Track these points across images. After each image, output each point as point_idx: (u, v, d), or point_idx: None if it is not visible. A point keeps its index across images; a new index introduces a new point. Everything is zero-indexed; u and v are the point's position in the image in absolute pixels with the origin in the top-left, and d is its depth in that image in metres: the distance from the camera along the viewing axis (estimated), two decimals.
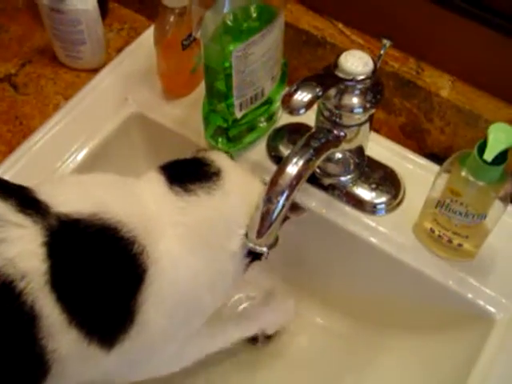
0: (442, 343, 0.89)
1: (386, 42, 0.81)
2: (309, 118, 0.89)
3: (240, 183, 0.79)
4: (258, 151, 0.94)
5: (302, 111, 0.73)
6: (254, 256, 0.79)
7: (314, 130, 0.83)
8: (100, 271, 0.67)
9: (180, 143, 0.95)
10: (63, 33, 0.97)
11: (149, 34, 0.96)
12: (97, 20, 0.97)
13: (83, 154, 0.93)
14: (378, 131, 0.96)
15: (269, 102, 0.91)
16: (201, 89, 0.92)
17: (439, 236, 0.84)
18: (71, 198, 0.70)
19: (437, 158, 0.94)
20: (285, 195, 0.76)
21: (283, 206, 0.76)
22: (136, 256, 0.69)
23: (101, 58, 1.01)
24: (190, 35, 0.90)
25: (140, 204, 0.73)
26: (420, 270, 0.86)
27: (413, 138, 0.97)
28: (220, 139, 0.91)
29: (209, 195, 0.76)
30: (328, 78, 0.77)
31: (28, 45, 1.05)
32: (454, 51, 0.89)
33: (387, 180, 0.91)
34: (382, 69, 0.90)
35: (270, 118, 0.94)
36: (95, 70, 1.01)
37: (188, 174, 0.77)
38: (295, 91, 0.73)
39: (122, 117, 0.96)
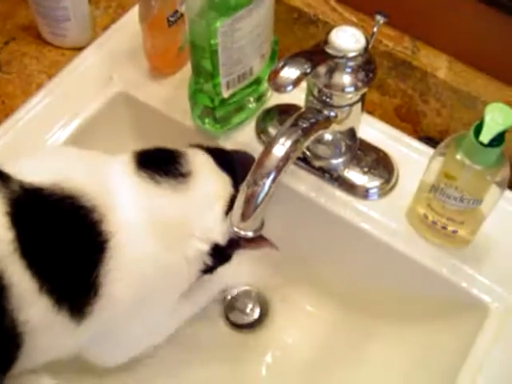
0: (434, 332, 0.84)
1: (380, 19, 0.76)
2: (300, 98, 0.85)
3: (209, 186, 0.76)
4: (247, 132, 0.89)
5: (290, 88, 0.68)
6: (208, 268, 0.79)
7: (303, 109, 0.78)
8: (63, 239, 0.67)
9: (166, 123, 0.90)
10: (47, 9, 0.92)
11: (136, 12, 0.91)
12: None
13: (66, 134, 0.88)
14: (371, 113, 0.91)
15: (258, 81, 0.87)
16: (188, 68, 0.87)
17: (433, 222, 0.80)
18: (35, 168, 0.69)
19: (432, 141, 0.90)
20: (271, 177, 0.71)
21: (269, 189, 0.72)
22: (96, 224, 0.68)
23: (86, 36, 0.96)
24: (176, 11, 0.86)
25: (103, 179, 0.72)
26: (412, 257, 0.82)
27: (408, 121, 0.92)
28: (207, 120, 0.87)
29: (174, 192, 0.74)
30: (317, 55, 0.72)
31: (12, 22, 1.00)
32: (451, 30, 0.85)
33: (380, 164, 0.86)
34: (375, 48, 0.86)
35: (259, 99, 0.89)
36: (81, 49, 0.96)
37: (159, 164, 0.75)
38: (282, 67, 0.69)
39: (106, 96, 0.91)
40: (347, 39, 0.73)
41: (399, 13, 0.83)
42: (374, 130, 0.89)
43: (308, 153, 0.85)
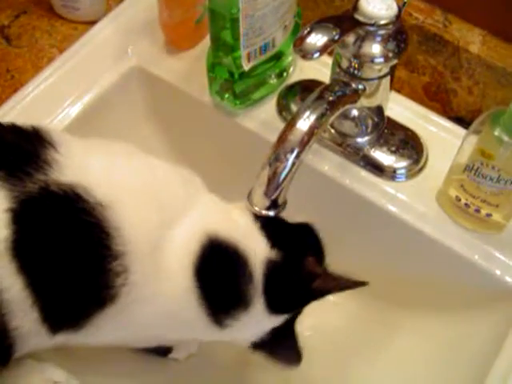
0: (464, 323, 0.78)
1: None
2: (324, 74, 0.79)
3: None
4: (268, 109, 0.82)
5: (317, 55, 0.62)
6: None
7: (329, 82, 0.72)
8: (66, 252, 0.57)
9: (183, 99, 0.84)
10: None
11: None
12: None
13: (77, 110, 0.82)
14: (398, 91, 0.85)
15: (280, 55, 0.80)
16: (206, 41, 0.80)
17: (466, 205, 0.73)
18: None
19: (463, 122, 0.83)
20: (295, 153, 0.66)
21: (293, 165, 0.66)
22: (113, 256, 0.58)
23: (100, 8, 0.90)
24: None
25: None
26: (443, 242, 0.75)
27: (437, 100, 0.85)
28: (226, 95, 0.81)
29: None
30: (346, 21, 0.66)
31: None
32: (485, 2, 0.78)
33: (408, 143, 0.80)
34: (405, 21, 0.79)
35: (281, 74, 0.83)
36: (94, 23, 0.90)
37: None
38: (309, 33, 0.63)
39: (120, 71, 0.84)
40: (378, 5, 0.66)
41: None
42: (401, 108, 0.82)
43: (332, 130, 0.79)
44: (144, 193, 0.61)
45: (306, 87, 0.83)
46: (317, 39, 0.62)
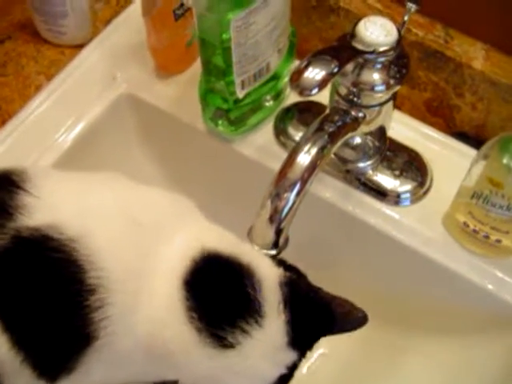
0: (475, 349, 0.74)
1: (412, 6, 0.65)
2: (322, 95, 0.73)
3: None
4: (264, 134, 0.78)
5: (315, 91, 0.58)
6: None
7: (328, 111, 0.68)
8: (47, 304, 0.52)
9: (176, 126, 0.79)
10: (43, 4, 0.81)
11: (139, 4, 0.80)
12: None
13: (69, 141, 0.78)
14: (399, 108, 0.80)
15: (275, 77, 0.76)
16: (198, 64, 0.76)
17: (474, 231, 0.69)
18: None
19: (466, 137, 0.79)
20: (295, 190, 0.62)
21: (294, 203, 0.62)
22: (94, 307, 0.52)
23: (87, 32, 0.85)
24: (182, 4, 0.75)
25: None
26: (451, 267, 0.71)
27: (439, 116, 0.81)
28: (220, 122, 0.76)
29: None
30: (344, 51, 0.61)
31: (7, 19, 0.89)
32: (487, 15, 0.73)
33: (412, 165, 0.75)
34: (404, 38, 0.74)
35: (278, 96, 0.78)
36: (82, 46, 0.85)
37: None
38: (306, 67, 0.58)
39: (110, 98, 0.80)
40: (377, 32, 0.62)
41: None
42: (403, 127, 0.78)
43: (333, 156, 0.75)
44: (121, 218, 0.55)
45: (304, 109, 0.79)
46: (315, 73, 0.57)
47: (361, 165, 0.74)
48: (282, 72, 0.76)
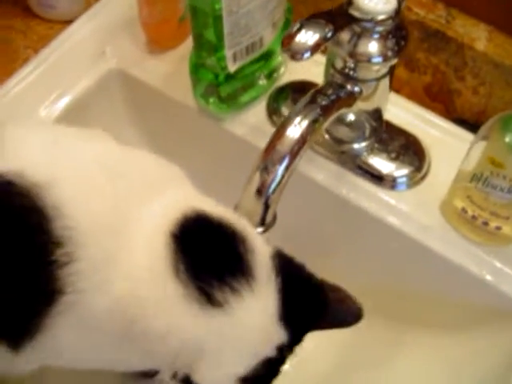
0: (472, 343, 0.69)
1: None
2: (318, 75, 0.70)
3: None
4: (257, 113, 0.74)
5: (307, 55, 0.54)
6: None
7: (322, 84, 0.64)
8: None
9: (166, 103, 0.75)
10: None
11: None
12: None
13: (54, 115, 0.73)
14: (398, 92, 0.76)
15: (269, 54, 0.72)
16: (190, 41, 0.72)
17: (473, 217, 0.65)
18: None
19: (467, 124, 0.75)
20: (284, 163, 0.58)
21: (282, 177, 0.58)
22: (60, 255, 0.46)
23: (78, 7, 0.82)
24: None
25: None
26: (448, 256, 0.67)
27: (439, 101, 0.77)
28: (211, 99, 0.72)
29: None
30: (340, 17, 0.57)
31: None
32: None
33: (409, 149, 0.71)
34: (404, 16, 0.71)
35: (271, 75, 0.74)
36: (72, 22, 0.81)
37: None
38: (298, 30, 0.54)
39: (99, 73, 0.76)
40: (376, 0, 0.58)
41: None
42: (401, 111, 0.74)
43: (327, 136, 0.71)
44: (99, 169, 0.50)
45: (298, 89, 0.74)
46: (307, 37, 0.54)
47: (356, 146, 0.70)
48: (276, 50, 0.73)
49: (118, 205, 0.49)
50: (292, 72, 0.76)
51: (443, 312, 0.72)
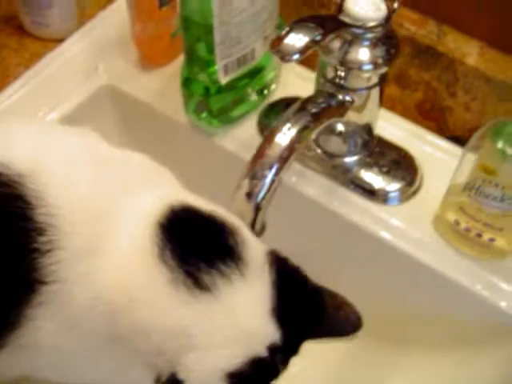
0: (468, 361, 0.68)
1: None
2: (310, 92, 0.69)
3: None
4: (248, 129, 0.73)
5: (296, 57, 0.54)
6: None
7: (312, 94, 0.63)
8: None
9: (157, 119, 0.75)
10: None
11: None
12: None
13: None
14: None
15: (260, 69, 0.72)
16: (183, 58, 0.73)
17: (466, 229, 0.64)
18: None
19: (460, 142, 0.74)
20: (274, 170, 0.57)
21: (272, 183, 0.57)
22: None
23: (71, 25, 0.81)
24: None
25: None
26: (441, 271, 0.66)
27: (432, 119, 0.76)
28: (203, 114, 0.72)
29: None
30: (330, 22, 0.57)
31: None
32: (482, 12, 0.70)
33: (401, 164, 0.71)
34: (395, 30, 0.71)
35: (262, 91, 0.74)
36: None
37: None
38: (288, 33, 0.54)
39: (90, 89, 0.76)
40: (366, 6, 0.58)
41: None
42: (393, 127, 0.73)
43: (318, 150, 0.70)
44: (86, 157, 0.50)
45: (290, 105, 0.74)
46: (297, 39, 0.54)
47: (347, 160, 0.69)
48: (267, 65, 0.72)
49: (103, 194, 0.48)
50: (284, 88, 0.76)
51: (437, 330, 0.70)
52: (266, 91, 0.75)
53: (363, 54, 0.59)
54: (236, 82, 0.70)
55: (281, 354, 0.51)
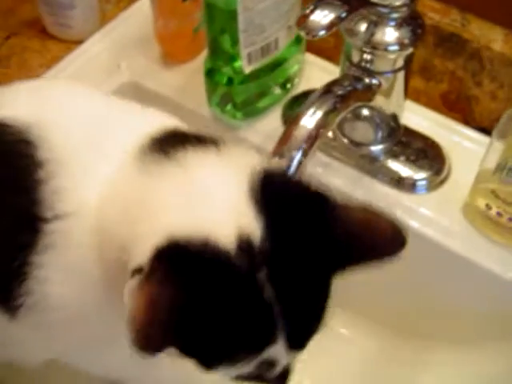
0: (502, 358, 0.66)
1: None
2: None
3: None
4: (272, 121, 0.73)
5: (322, 33, 0.53)
6: None
7: (338, 77, 0.63)
8: None
9: (181, 114, 0.73)
10: None
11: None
12: None
13: None
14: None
15: (282, 61, 0.71)
16: (205, 54, 0.72)
17: (498, 213, 0.62)
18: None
19: (486, 133, 0.73)
20: (301, 150, 0.56)
21: (299, 164, 0.56)
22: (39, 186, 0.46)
23: (93, 26, 0.82)
24: None
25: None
26: (472, 258, 0.64)
27: (457, 110, 0.75)
28: (227, 107, 0.71)
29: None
30: (355, 0, 0.57)
31: (15, 17, 0.86)
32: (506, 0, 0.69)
33: (428, 153, 0.70)
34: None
35: (285, 85, 0.74)
36: None
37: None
38: (313, 10, 0.54)
39: (113, 86, 0.75)
40: None
41: None
42: (418, 118, 0.72)
43: (344, 139, 0.69)
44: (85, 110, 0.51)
45: None
46: (322, 15, 0.53)
47: (373, 148, 0.68)
48: (291, 57, 0.72)
49: (97, 130, 0.49)
50: (307, 82, 0.75)
51: (470, 324, 0.68)
52: (289, 85, 0.74)
53: (389, 34, 0.59)
54: (259, 73, 0.70)
55: (261, 257, 0.41)
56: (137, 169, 0.45)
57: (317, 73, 0.76)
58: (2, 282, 0.48)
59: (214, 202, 0.42)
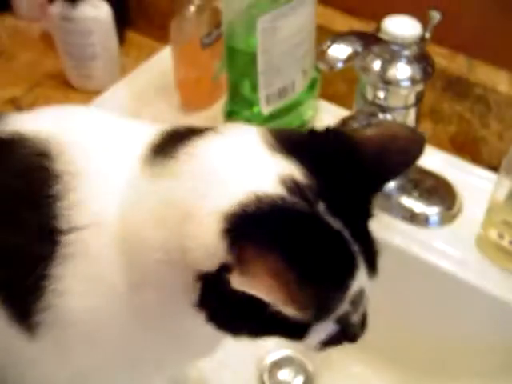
0: None
1: (435, 15, 0.65)
2: None
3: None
4: None
5: (340, 65, 0.57)
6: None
7: (352, 113, 0.66)
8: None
9: None
10: (73, 46, 0.84)
11: (168, 52, 0.81)
12: (110, 31, 0.83)
13: None
14: None
15: (298, 104, 0.75)
16: (223, 102, 0.76)
17: (510, 242, 0.64)
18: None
19: (495, 172, 0.76)
20: None
21: None
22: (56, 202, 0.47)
23: (113, 77, 0.87)
24: (210, 33, 0.76)
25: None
26: (487, 290, 0.66)
27: (466, 151, 0.78)
28: None
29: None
30: (369, 37, 0.61)
31: (38, 70, 0.91)
32: (510, 44, 0.73)
33: (439, 189, 0.72)
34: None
35: (302, 127, 0.77)
36: None
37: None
38: (330, 45, 0.57)
39: None
40: (402, 25, 0.61)
41: (451, 30, 0.72)
42: (428, 157, 0.74)
43: None
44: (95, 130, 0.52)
45: None
46: (340, 49, 0.57)
47: (387, 186, 0.71)
48: (306, 101, 0.76)
49: (110, 147, 0.50)
50: (322, 124, 0.78)
51: (487, 357, 0.69)
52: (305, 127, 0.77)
53: (401, 70, 0.62)
54: (277, 116, 0.73)
55: (321, 201, 0.43)
56: (150, 172, 0.47)
57: (331, 119, 0.79)
58: (20, 297, 0.48)
59: (238, 169, 0.44)
